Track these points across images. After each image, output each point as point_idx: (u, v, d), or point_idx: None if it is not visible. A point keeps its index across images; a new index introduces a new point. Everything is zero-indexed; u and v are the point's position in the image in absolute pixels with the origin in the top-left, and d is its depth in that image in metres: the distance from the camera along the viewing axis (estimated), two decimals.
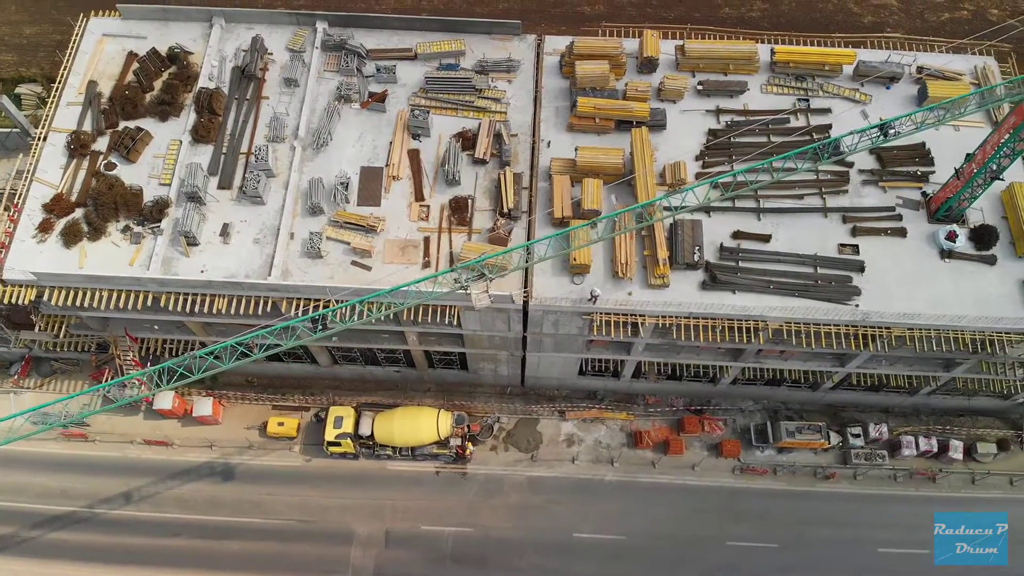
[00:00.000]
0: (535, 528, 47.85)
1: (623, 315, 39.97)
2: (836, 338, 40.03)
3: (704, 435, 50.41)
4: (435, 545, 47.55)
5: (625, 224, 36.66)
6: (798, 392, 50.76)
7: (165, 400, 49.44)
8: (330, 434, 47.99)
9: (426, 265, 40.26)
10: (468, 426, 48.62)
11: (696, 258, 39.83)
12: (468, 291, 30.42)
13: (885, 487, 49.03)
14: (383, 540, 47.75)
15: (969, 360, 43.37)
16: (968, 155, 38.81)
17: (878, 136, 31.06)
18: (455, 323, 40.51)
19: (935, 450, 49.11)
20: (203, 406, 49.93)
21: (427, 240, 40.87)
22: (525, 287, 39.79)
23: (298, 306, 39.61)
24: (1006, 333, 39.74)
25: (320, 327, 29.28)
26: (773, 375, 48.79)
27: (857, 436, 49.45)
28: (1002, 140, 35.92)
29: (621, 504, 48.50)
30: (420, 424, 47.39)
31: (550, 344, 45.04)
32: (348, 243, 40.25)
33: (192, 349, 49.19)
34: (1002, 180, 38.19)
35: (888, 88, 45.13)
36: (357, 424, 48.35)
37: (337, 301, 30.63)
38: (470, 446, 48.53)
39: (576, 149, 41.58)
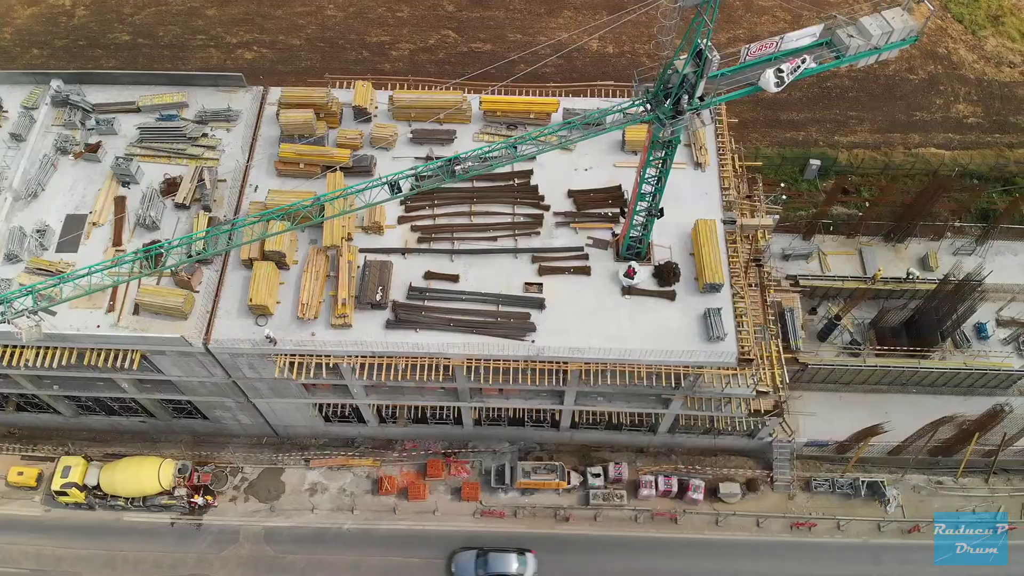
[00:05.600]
0: None
1: (305, 356, 40.27)
2: (515, 373, 40.30)
3: (450, 478, 49.99)
4: None
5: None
6: (545, 432, 50.64)
7: None
8: (56, 483, 47.64)
9: (110, 310, 40.66)
10: (198, 476, 48.18)
11: (379, 298, 40.35)
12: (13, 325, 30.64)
13: (626, 528, 48.40)
14: None
15: (674, 395, 43.60)
16: None
17: (448, 172, 31.90)
18: (132, 367, 40.62)
19: (675, 490, 48.73)
20: None
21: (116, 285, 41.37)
22: (206, 329, 40.18)
23: None
24: (684, 366, 40.05)
25: None
26: (514, 415, 48.89)
27: (597, 476, 49.13)
28: (639, 176, 37.01)
29: (357, 553, 47.73)
30: (141, 474, 47.13)
31: (267, 389, 45.09)
32: None
33: None
34: (660, 216, 39.07)
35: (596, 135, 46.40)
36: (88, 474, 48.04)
37: None
38: (198, 497, 47.96)
39: (268, 192, 42.60)
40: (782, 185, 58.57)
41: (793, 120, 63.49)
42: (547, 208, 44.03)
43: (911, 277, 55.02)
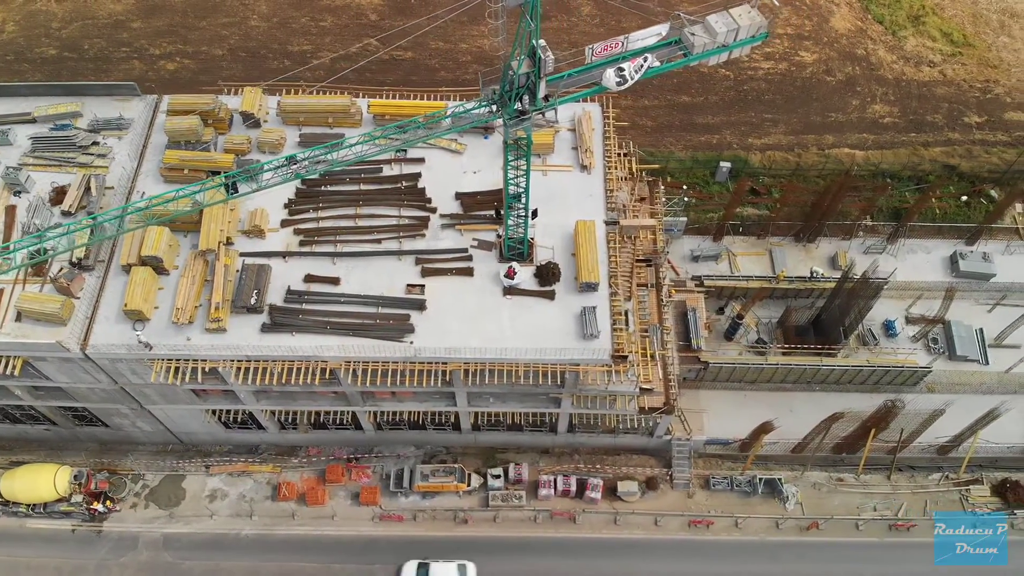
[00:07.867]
0: None
1: (181, 360, 40.47)
2: (395, 375, 40.61)
3: (350, 484, 50.08)
4: None
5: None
6: (449, 435, 50.85)
7: None
8: None
9: None
10: (95, 482, 48.29)
11: (254, 301, 40.59)
12: None
13: (524, 529, 48.53)
14: None
15: (561, 394, 43.89)
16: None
17: (287, 172, 32.33)
18: (14, 373, 40.78)
19: (574, 490, 48.90)
20: None
21: (1, 292, 41.62)
22: (85, 335, 40.40)
23: None
24: (561, 364, 40.34)
25: None
26: (411, 418, 49.11)
27: (497, 477, 49.30)
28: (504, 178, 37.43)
29: (255, 558, 47.77)
30: (38, 481, 47.35)
31: (157, 395, 45.27)
32: None
33: None
34: (535, 217, 39.51)
35: (486, 139, 46.88)
36: None
37: None
38: (97, 503, 48.06)
39: (152, 198, 42.83)
40: (684, 188, 59.03)
41: (708, 124, 64.03)
42: (434, 210, 44.39)
43: (815, 276, 55.54)
